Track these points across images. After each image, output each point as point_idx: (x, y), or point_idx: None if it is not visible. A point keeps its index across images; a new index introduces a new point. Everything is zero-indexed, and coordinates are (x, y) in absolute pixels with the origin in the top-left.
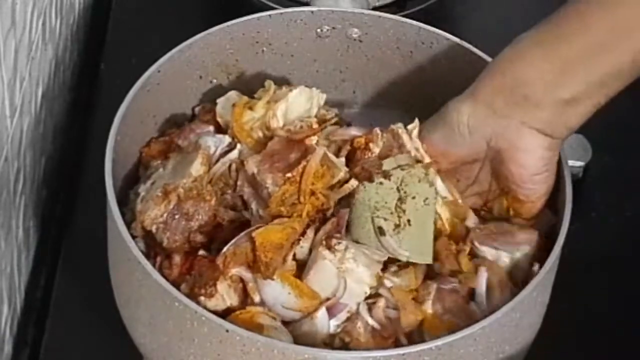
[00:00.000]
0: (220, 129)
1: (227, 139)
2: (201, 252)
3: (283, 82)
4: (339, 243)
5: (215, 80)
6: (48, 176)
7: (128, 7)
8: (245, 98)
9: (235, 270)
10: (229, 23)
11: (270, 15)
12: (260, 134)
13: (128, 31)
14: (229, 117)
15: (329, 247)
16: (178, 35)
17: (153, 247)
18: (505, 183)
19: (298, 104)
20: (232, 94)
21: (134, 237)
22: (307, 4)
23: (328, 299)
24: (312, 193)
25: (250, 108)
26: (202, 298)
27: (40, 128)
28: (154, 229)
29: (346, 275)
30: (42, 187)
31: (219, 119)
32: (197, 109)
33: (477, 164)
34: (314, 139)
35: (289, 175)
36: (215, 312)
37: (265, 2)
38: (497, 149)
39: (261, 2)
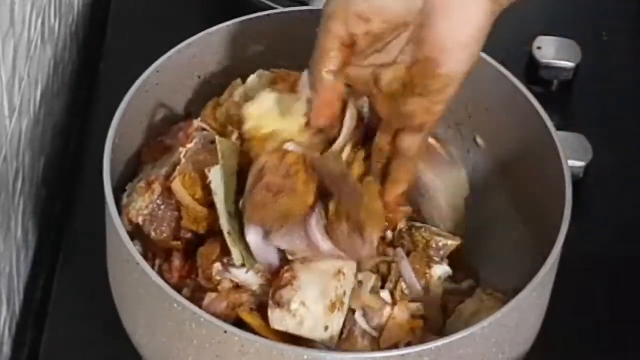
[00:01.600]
0: None
1: (212, 134)
2: None
3: None
4: (282, 296)
5: (214, 81)
6: (47, 176)
7: (127, 7)
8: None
9: (216, 267)
10: (228, 23)
11: (269, 15)
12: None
13: (127, 31)
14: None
15: (277, 304)
16: (178, 35)
17: (150, 248)
18: (424, 51)
19: (259, 88)
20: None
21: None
22: (306, 4)
23: None
24: (212, 204)
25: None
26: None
27: (39, 128)
28: (140, 220)
29: (302, 326)
30: (41, 187)
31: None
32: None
33: (401, 31)
34: (182, 152)
35: (170, 202)
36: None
37: (265, 2)
38: (431, 6)
39: (261, 2)
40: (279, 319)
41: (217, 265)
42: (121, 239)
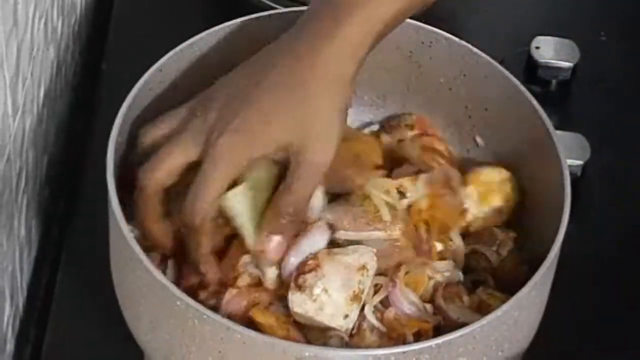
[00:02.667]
0: None
1: None
2: None
3: None
4: (305, 280)
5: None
6: (50, 175)
7: (130, 7)
8: None
9: (245, 258)
10: (229, 23)
11: (270, 15)
12: None
13: (130, 31)
14: None
15: (299, 287)
16: (179, 34)
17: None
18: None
19: None
20: None
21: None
22: (306, 4)
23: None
24: None
25: None
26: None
27: (42, 127)
28: None
29: (322, 311)
30: (44, 186)
31: None
32: None
33: None
34: None
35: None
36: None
37: (265, 2)
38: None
39: (261, 2)
40: (299, 302)
41: (246, 257)
42: (124, 237)
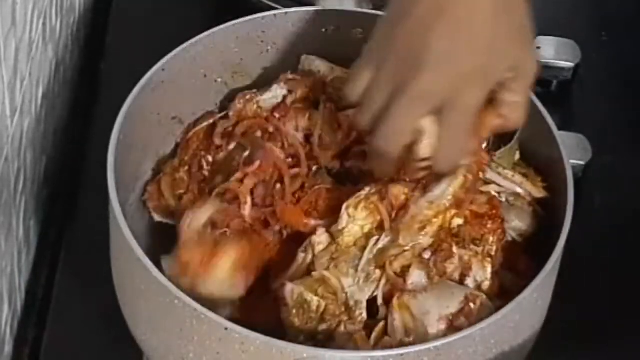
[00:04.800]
0: None
1: None
2: None
3: None
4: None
5: (219, 79)
6: (49, 176)
7: (129, 7)
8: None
9: None
10: (233, 22)
11: (275, 15)
12: None
13: (128, 31)
14: None
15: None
16: (178, 35)
17: None
18: None
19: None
20: None
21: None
22: (308, 4)
23: None
24: None
25: None
26: None
27: (40, 128)
28: None
29: (422, 321)
30: (42, 186)
31: None
32: None
33: None
34: None
35: None
36: None
37: (265, 2)
38: None
39: (261, 2)
40: (397, 320)
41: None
42: (124, 237)
